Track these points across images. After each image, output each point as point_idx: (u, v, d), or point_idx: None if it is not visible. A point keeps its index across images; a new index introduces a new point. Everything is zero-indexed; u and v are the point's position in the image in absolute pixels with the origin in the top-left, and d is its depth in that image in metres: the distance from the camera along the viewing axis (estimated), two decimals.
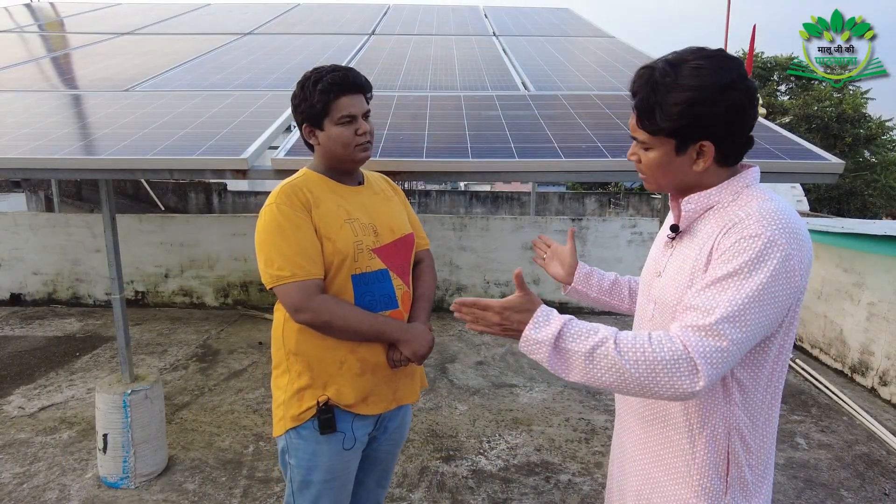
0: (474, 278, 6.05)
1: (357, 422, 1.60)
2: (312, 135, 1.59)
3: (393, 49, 5.11)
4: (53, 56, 5.05)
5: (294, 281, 1.47)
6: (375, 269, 1.58)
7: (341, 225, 1.54)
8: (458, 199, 15.32)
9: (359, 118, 1.57)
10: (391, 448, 1.79)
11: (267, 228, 1.50)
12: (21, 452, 3.13)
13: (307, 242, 1.49)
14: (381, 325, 1.55)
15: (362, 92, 1.60)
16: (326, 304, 1.49)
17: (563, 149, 2.51)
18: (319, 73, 1.56)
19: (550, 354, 1.08)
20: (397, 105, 3.25)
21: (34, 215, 6.34)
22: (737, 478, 1.17)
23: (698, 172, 1.14)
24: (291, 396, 1.57)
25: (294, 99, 1.60)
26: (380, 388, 1.62)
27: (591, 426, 3.53)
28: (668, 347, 1.02)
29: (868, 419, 3.59)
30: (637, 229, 5.99)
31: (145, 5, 7.55)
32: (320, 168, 1.63)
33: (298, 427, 1.57)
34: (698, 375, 1.00)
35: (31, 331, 5.26)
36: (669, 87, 1.08)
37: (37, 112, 3.15)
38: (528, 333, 1.10)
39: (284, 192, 1.53)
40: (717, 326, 1.01)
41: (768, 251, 1.03)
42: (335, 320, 1.49)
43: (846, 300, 4.43)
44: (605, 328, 1.08)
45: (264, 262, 1.50)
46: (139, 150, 2.50)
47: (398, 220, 1.70)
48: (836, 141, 16.74)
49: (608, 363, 1.04)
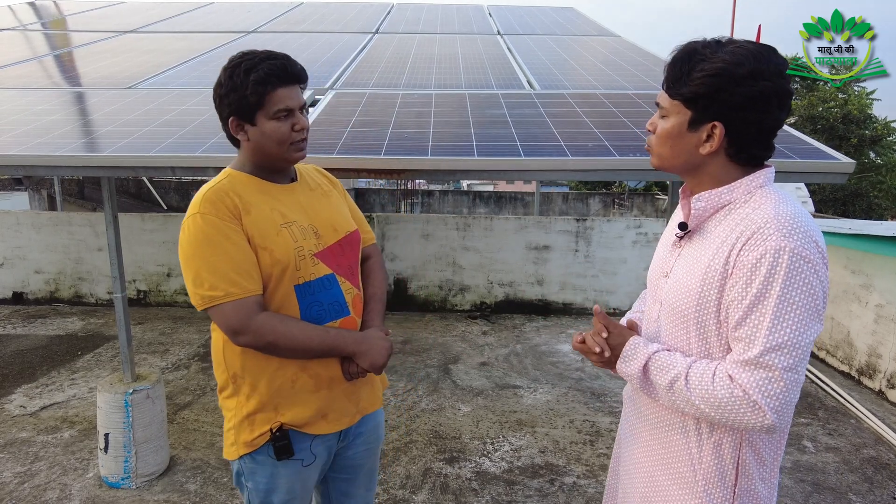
0: (478, 279, 6.02)
1: (317, 441, 1.47)
2: (241, 130, 1.40)
3: (397, 47, 5.09)
4: (56, 54, 5.04)
5: (229, 301, 1.30)
6: (320, 276, 1.42)
7: (278, 231, 1.38)
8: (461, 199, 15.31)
9: (296, 112, 1.40)
10: (370, 452, 1.66)
11: (192, 242, 1.32)
12: (22, 451, 3.12)
13: (240, 255, 1.32)
14: (332, 339, 1.39)
15: (299, 83, 1.42)
16: (269, 323, 1.32)
17: (569, 147, 2.48)
18: (251, 59, 1.37)
19: (642, 385, 1.18)
20: (402, 103, 3.23)
21: (37, 214, 6.34)
22: (746, 490, 1.14)
23: (703, 156, 1.11)
24: (242, 421, 1.42)
25: (219, 88, 1.39)
26: (339, 403, 1.48)
27: (596, 428, 3.49)
28: (726, 386, 1.04)
29: (876, 422, 3.55)
30: (642, 230, 5.95)
31: (148, 3, 7.54)
32: (247, 167, 1.45)
33: (253, 452, 1.43)
34: (761, 411, 1.01)
35: (33, 329, 5.25)
36: (704, 58, 1.07)
37: (39, 109, 3.13)
38: (619, 367, 1.21)
39: (208, 198, 1.34)
40: (762, 358, 1.01)
41: (797, 266, 1.00)
42: (280, 340, 1.33)
43: (853, 302, 4.39)
44: (682, 361, 1.12)
45: (192, 280, 1.32)
46: (142, 147, 2.48)
47: (341, 217, 1.54)
48: (842, 142, 16.67)
49: (683, 398, 1.10)
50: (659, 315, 1.22)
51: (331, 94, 3.48)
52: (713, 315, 1.09)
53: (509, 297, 6.04)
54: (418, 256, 6.02)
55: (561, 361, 4.62)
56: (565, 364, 4.56)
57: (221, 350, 1.43)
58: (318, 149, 2.47)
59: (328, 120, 2.93)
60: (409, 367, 4.44)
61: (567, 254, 5.97)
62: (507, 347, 4.94)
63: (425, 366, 4.48)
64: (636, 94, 3.41)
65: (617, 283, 5.99)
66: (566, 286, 6.01)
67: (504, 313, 6.01)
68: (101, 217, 6.11)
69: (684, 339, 1.15)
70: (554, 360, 4.64)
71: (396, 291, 6.07)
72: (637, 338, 1.19)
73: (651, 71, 3.98)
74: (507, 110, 3.08)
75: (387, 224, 6.01)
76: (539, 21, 6.62)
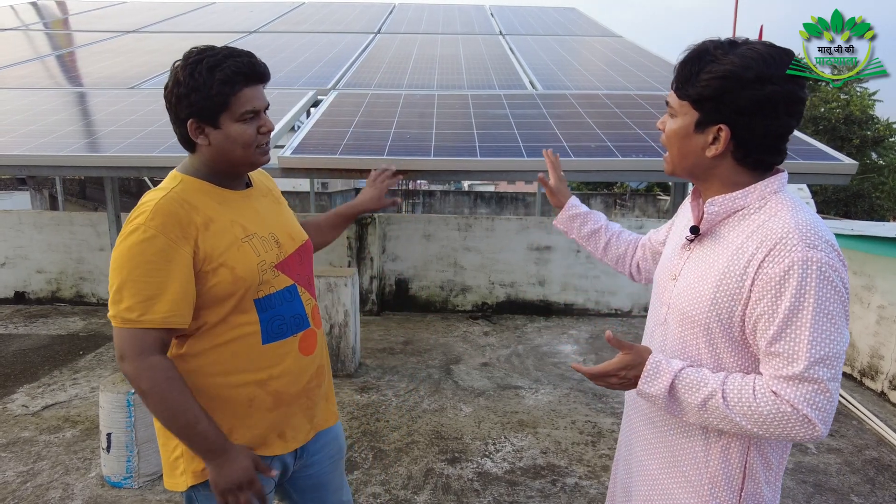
0: (479, 279, 6.02)
1: (274, 462, 1.38)
2: (201, 133, 1.26)
3: (399, 48, 5.09)
4: (58, 54, 5.04)
5: (137, 327, 1.18)
6: (281, 288, 1.33)
7: (239, 246, 1.27)
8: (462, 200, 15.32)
9: (262, 113, 1.31)
10: (334, 465, 1.56)
11: (125, 254, 1.18)
12: (25, 451, 3.12)
13: (175, 283, 1.19)
14: (196, 435, 1.21)
15: (264, 82, 1.31)
16: (157, 375, 1.18)
17: (572, 148, 2.48)
18: (214, 56, 1.24)
19: (667, 404, 1.13)
20: (404, 104, 3.23)
21: (38, 213, 6.34)
22: (752, 493, 1.13)
23: (711, 159, 1.10)
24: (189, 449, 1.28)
25: (178, 87, 1.24)
26: (295, 419, 1.38)
27: (598, 429, 3.49)
28: (771, 401, 1.02)
29: (878, 424, 3.55)
30: (643, 230, 5.92)
31: (150, 3, 7.55)
32: (201, 172, 1.31)
33: (205, 482, 1.29)
34: (812, 424, 1.01)
35: (34, 329, 5.25)
36: (714, 59, 1.06)
37: (42, 109, 3.13)
38: (642, 388, 1.13)
39: (161, 212, 1.20)
40: (807, 373, 1.00)
41: (828, 276, 1.00)
42: (152, 396, 1.19)
43: (856, 303, 4.39)
44: (713, 377, 1.08)
45: (114, 292, 1.19)
46: (144, 147, 2.48)
47: (294, 225, 1.47)
48: (844, 143, 16.65)
49: (720, 414, 1.06)
50: (666, 318, 1.21)
51: (333, 94, 3.48)
52: (726, 323, 1.08)
53: (511, 298, 6.04)
54: (420, 257, 6.02)
55: (562, 362, 4.62)
56: (566, 365, 4.56)
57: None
58: (321, 149, 2.47)
59: (331, 120, 2.94)
60: (411, 368, 4.44)
61: (569, 254, 5.97)
62: (509, 348, 4.94)
63: (427, 366, 4.48)
64: (638, 94, 3.41)
65: (619, 283, 5.99)
66: (568, 287, 6.01)
67: (505, 314, 6.01)
68: (103, 217, 6.12)
69: (693, 344, 1.14)
70: (555, 361, 4.64)
71: (397, 291, 6.07)
72: (656, 355, 1.15)
73: (653, 72, 3.98)
74: (509, 111, 3.08)
75: (388, 224, 6.01)
76: (541, 21, 6.62)
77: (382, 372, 4.35)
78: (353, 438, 3.31)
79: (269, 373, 1.32)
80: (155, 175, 2.44)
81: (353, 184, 14.15)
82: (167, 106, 1.29)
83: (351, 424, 3.48)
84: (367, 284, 5.93)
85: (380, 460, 3.09)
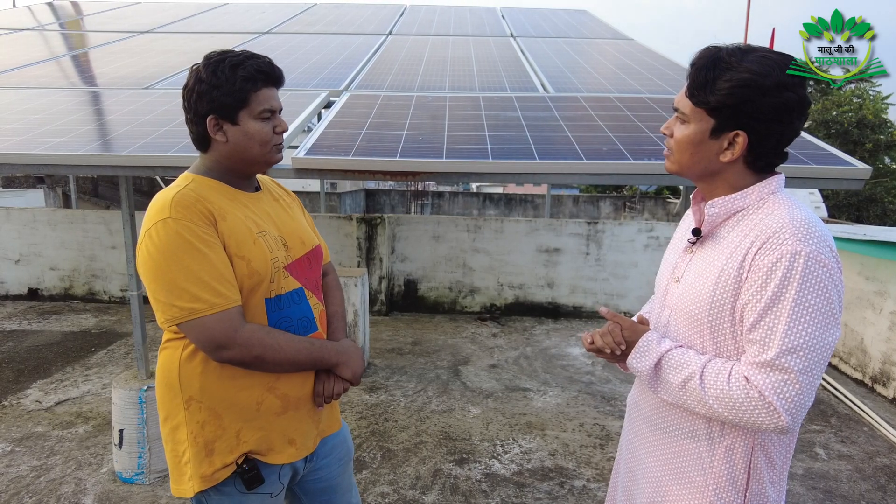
0: (488, 280, 6.03)
1: (285, 468, 1.38)
2: (219, 129, 1.30)
3: (410, 50, 5.11)
4: (74, 54, 5.10)
5: (213, 312, 1.20)
6: (290, 290, 1.35)
7: (254, 240, 1.29)
8: (471, 201, 15.32)
9: (277, 114, 1.36)
10: (343, 465, 1.58)
11: (164, 250, 1.19)
12: (38, 446, 3.16)
13: (221, 262, 1.22)
14: (318, 350, 1.34)
15: (279, 86, 1.37)
16: (256, 335, 1.24)
17: (584, 151, 2.48)
18: (235, 56, 1.29)
19: (650, 381, 1.18)
20: (416, 105, 3.24)
21: (52, 211, 6.42)
22: (757, 494, 1.14)
23: (723, 164, 1.12)
24: (198, 453, 1.29)
25: (200, 84, 1.28)
26: (304, 426, 1.40)
27: (606, 432, 3.49)
28: (742, 386, 1.04)
29: (890, 430, 3.52)
30: (654, 234, 5.93)
31: (164, 4, 7.62)
32: (214, 172, 1.34)
33: (215, 486, 1.31)
34: (777, 413, 1.02)
35: (47, 325, 5.31)
36: (731, 66, 1.07)
37: (58, 109, 3.17)
38: (631, 362, 1.21)
39: (180, 202, 1.23)
40: (778, 360, 1.01)
41: (813, 270, 1.01)
42: (268, 353, 1.24)
43: (868, 309, 4.35)
44: (697, 359, 1.12)
45: (167, 292, 1.20)
46: (159, 147, 2.51)
47: (305, 231, 1.49)
48: (857, 147, 16.50)
49: (696, 396, 1.10)
50: (669, 320, 1.22)
51: (346, 95, 3.50)
52: (727, 319, 1.09)
53: (519, 300, 6.04)
54: (428, 258, 6.03)
55: (571, 365, 4.61)
56: (575, 367, 4.55)
57: (177, 370, 1.30)
58: (334, 150, 2.49)
59: (344, 122, 2.96)
60: (420, 369, 4.45)
61: (578, 257, 5.97)
62: (517, 350, 4.94)
63: (435, 367, 4.49)
64: (650, 97, 3.41)
65: (628, 286, 5.97)
66: (576, 289, 6.01)
67: (514, 315, 6.01)
68: (115, 215, 6.18)
69: (698, 344, 1.15)
70: (564, 364, 4.64)
71: (406, 292, 6.09)
72: (651, 333, 1.20)
73: (665, 74, 3.97)
74: (521, 113, 3.09)
75: (397, 225, 6.03)
76: (552, 24, 6.62)
77: (391, 372, 4.37)
78: (362, 438, 3.32)
79: (276, 376, 1.33)
80: (169, 175, 2.47)
81: (361, 184, 14.19)
82: (185, 104, 1.32)
83: (360, 424, 3.49)
84: (376, 285, 5.95)
85: (388, 460, 3.10)
